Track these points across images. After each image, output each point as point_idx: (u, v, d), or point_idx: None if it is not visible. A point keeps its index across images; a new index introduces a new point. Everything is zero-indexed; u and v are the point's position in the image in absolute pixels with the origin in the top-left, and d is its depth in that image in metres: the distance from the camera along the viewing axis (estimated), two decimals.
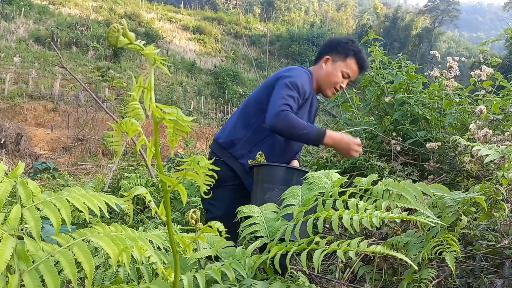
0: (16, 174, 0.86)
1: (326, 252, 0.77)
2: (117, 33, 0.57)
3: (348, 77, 2.09)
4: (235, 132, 2.01)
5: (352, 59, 2.07)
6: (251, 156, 1.96)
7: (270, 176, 1.81)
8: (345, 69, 2.06)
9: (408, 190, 0.89)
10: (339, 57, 2.08)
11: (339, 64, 2.07)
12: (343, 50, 2.07)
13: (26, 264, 0.75)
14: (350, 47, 2.08)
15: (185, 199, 0.66)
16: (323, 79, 2.09)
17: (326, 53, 2.11)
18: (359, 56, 2.08)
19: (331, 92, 2.13)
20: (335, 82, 2.08)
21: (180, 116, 0.57)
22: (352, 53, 2.07)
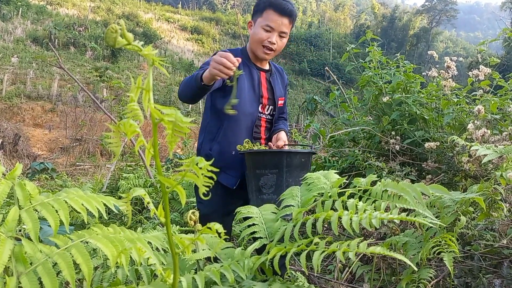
0: (14, 175, 0.85)
1: (325, 253, 0.77)
2: (115, 34, 0.57)
3: (272, 29, 2.00)
4: (198, 140, 2.13)
5: (269, 10, 2.00)
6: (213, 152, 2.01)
7: (259, 162, 1.78)
8: (264, 22, 2.00)
9: (407, 190, 0.89)
10: (257, 16, 2.05)
11: (258, 21, 2.03)
12: (258, 8, 2.06)
13: (24, 266, 0.75)
14: (261, 2, 2.05)
15: (184, 201, 0.66)
16: (252, 42, 2.07)
17: (251, 19, 2.11)
18: (274, 3, 2.00)
19: (262, 52, 2.04)
20: (260, 39, 2.02)
21: (179, 117, 0.57)
22: (266, 5, 2.01)
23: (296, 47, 37.76)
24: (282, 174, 1.75)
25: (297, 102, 25.22)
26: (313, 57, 37.58)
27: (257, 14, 2.06)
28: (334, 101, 3.87)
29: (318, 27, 47.40)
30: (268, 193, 1.77)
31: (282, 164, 1.75)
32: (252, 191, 1.85)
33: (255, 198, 1.80)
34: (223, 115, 1.95)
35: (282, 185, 1.74)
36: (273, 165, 1.75)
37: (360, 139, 3.31)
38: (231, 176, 2.02)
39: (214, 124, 2.04)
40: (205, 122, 2.10)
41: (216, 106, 2.02)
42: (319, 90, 23.85)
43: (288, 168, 1.76)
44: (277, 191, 1.75)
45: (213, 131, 2.04)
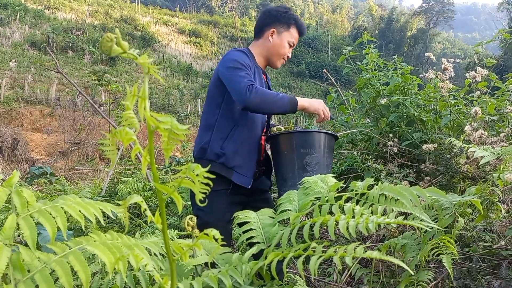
0: (11, 182, 0.85)
1: (322, 258, 0.77)
2: (110, 43, 0.57)
3: (293, 45, 2.16)
4: (201, 138, 2.02)
5: (294, 27, 2.13)
6: (226, 151, 1.95)
7: (306, 141, 1.95)
8: (290, 39, 2.12)
9: (403, 194, 0.89)
10: (283, 27, 2.11)
11: (284, 34, 2.11)
12: (285, 20, 2.11)
13: (21, 274, 0.75)
14: (290, 16, 2.12)
15: (180, 207, 0.66)
16: (272, 52, 2.12)
17: (268, 25, 2.12)
18: (299, 23, 2.14)
19: (281, 63, 2.18)
20: (284, 53, 2.14)
21: (174, 125, 0.57)
22: (293, 22, 2.12)
23: (294, 49, 37.79)
24: (323, 153, 1.97)
25: None
26: (311, 59, 37.64)
27: (281, 25, 2.10)
28: (332, 103, 3.88)
29: (316, 29, 47.48)
30: (312, 171, 1.93)
31: (324, 144, 1.98)
32: (294, 170, 1.96)
33: (299, 176, 1.90)
34: (238, 115, 1.97)
35: (323, 164, 1.96)
36: (318, 145, 1.96)
37: (358, 141, 3.32)
38: (244, 175, 1.99)
39: (225, 122, 1.99)
40: (212, 119, 2.01)
41: (233, 106, 1.99)
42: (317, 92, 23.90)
43: (327, 149, 1.99)
44: (320, 169, 1.96)
45: (225, 129, 1.99)
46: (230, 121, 1.99)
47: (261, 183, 2.18)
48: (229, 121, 1.99)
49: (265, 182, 2.23)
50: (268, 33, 2.11)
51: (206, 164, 1.93)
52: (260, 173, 2.15)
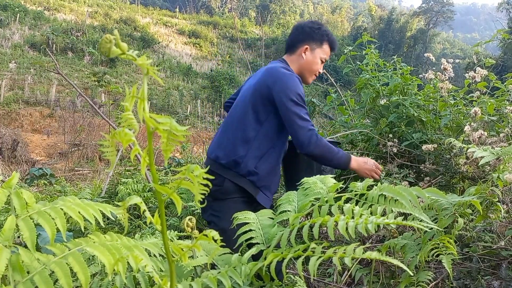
0: (10, 184, 0.85)
1: (322, 259, 0.77)
2: (109, 44, 0.57)
3: (324, 61, 2.18)
4: (235, 150, 1.93)
5: (327, 44, 2.14)
6: (259, 171, 1.93)
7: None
8: (323, 55, 2.14)
9: (403, 194, 0.89)
10: (316, 44, 2.11)
11: (317, 51, 2.12)
12: (318, 37, 2.11)
13: (21, 275, 0.75)
14: (323, 33, 2.13)
15: (179, 208, 0.66)
16: (305, 68, 2.13)
17: (302, 41, 2.12)
18: (332, 39, 2.16)
19: (312, 79, 2.19)
20: (316, 70, 2.15)
21: (173, 126, 0.57)
22: (326, 38, 2.13)
23: None
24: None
25: None
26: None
27: (314, 42, 2.11)
28: (332, 103, 3.88)
29: None
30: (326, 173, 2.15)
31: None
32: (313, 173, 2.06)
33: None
34: (277, 136, 1.97)
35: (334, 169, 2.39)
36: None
37: (358, 141, 3.32)
38: (268, 197, 2.00)
39: (264, 141, 1.95)
40: (251, 134, 1.94)
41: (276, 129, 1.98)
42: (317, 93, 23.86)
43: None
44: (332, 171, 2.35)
45: (262, 148, 1.94)
46: (269, 141, 1.96)
47: None
48: (267, 141, 1.95)
49: None
50: (302, 50, 2.11)
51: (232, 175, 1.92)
52: None
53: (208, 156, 2.04)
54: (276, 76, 1.95)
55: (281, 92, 1.89)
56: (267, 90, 1.93)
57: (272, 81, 1.93)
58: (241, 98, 2.06)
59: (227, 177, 1.92)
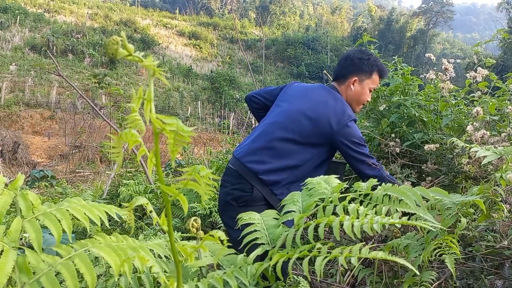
0: (16, 186, 0.86)
1: (328, 258, 0.78)
2: (116, 45, 0.57)
3: (373, 90, 2.21)
4: (281, 172, 1.95)
5: (376, 74, 2.15)
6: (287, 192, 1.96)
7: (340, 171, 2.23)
8: (372, 85, 2.15)
9: (407, 194, 0.89)
10: (365, 76, 2.12)
11: (366, 82, 2.12)
12: (368, 68, 2.12)
13: (27, 277, 0.75)
14: (373, 64, 2.13)
15: (186, 208, 0.66)
16: (354, 99, 2.14)
17: (351, 73, 2.12)
18: (381, 69, 2.17)
19: (359, 108, 2.23)
20: (365, 100, 2.17)
21: (180, 127, 0.57)
22: (376, 69, 2.13)
23: (293, 51, 37.82)
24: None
25: None
26: (311, 60, 37.66)
27: (364, 73, 2.12)
28: None
29: (315, 31, 47.54)
30: None
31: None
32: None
33: None
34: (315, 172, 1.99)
35: None
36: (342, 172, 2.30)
37: None
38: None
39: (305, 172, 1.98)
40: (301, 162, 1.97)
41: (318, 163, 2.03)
42: None
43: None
44: None
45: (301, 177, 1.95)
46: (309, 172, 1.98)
47: None
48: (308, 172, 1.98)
49: None
50: (350, 82, 2.11)
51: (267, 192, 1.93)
52: None
53: (240, 161, 1.99)
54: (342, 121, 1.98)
55: (347, 136, 1.97)
56: (328, 127, 1.96)
57: (337, 124, 1.97)
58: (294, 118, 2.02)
59: (259, 190, 1.93)
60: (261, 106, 2.30)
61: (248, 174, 1.94)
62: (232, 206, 1.93)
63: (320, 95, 2.08)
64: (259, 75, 29.46)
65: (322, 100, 2.05)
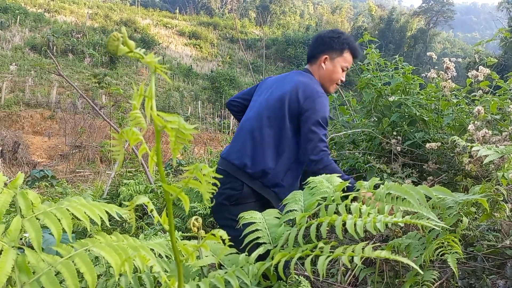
0: (15, 184, 0.85)
1: (330, 258, 0.77)
2: (117, 42, 0.57)
3: (346, 69, 2.16)
4: (265, 161, 1.93)
5: (348, 52, 2.11)
6: (284, 184, 1.94)
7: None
8: (344, 63, 2.11)
9: (410, 193, 0.88)
10: (336, 53, 2.10)
11: (337, 60, 2.10)
12: (338, 46, 2.09)
13: (27, 276, 0.75)
14: (344, 41, 2.11)
15: (187, 208, 0.65)
16: (325, 78, 2.12)
17: (322, 52, 2.11)
18: (353, 47, 2.13)
19: (333, 88, 2.18)
20: (337, 79, 2.13)
21: (182, 125, 0.57)
22: (347, 46, 2.11)
23: (294, 50, 37.76)
24: None
25: None
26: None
27: (334, 51, 2.10)
28: (333, 103, 3.87)
29: (315, 30, 47.47)
30: None
31: None
32: None
33: None
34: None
35: None
36: None
37: (360, 141, 3.31)
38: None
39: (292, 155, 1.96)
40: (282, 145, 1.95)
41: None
42: None
43: None
44: None
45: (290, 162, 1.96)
46: (296, 154, 1.96)
47: None
48: (294, 154, 1.96)
49: None
50: (321, 60, 2.11)
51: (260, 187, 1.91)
52: None
53: (227, 159, 2.00)
54: (309, 95, 1.95)
55: (311, 111, 1.91)
56: (297, 105, 1.94)
57: (304, 98, 1.94)
58: (266, 105, 2.02)
59: (249, 185, 1.91)
60: (241, 108, 2.29)
61: (236, 171, 1.94)
62: (224, 206, 1.93)
63: (291, 78, 2.10)
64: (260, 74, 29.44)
65: (292, 80, 2.07)
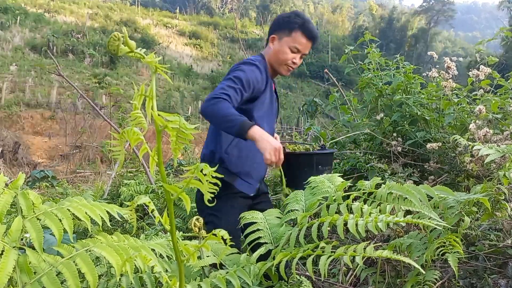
0: (16, 185, 0.85)
1: (332, 258, 0.77)
2: (117, 42, 0.56)
3: (298, 51, 2.04)
4: (209, 143, 2.00)
5: (298, 32, 2.01)
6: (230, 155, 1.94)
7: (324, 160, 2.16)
8: (292, 43, 2.02)
9: (412, 192, 0.88)
10: (284, 33, 2.03)
11: (285, 40, 2.02)
12: (287, 25, 2.03)
13: (28, 277, 0.74)
14: (293, 21, 2.03)
15: (188, 207, 0.65)
16: (273, 58, 2.07)
17: (272, 32, 2.08)
18: (305, 27, 2.02)
19: (285, 70, 2.09)
20: (285, 59, 2.04)
21: (183, 124, 0.57)
22: (296, 26, 2.01)
23: None
24: (331, 169, 2.23)
25: (297, 105, 25.24)
26: (312, 59, 37.61)
27: (283, 31, 2.04)
28: (334, 103, 3.86)
29: (316, 30, 47.41)
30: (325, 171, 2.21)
31: (331, 161, 2.32)
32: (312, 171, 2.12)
33: None
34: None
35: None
36: (330, 162, 2.26)
37: (361, 141, 3.30)
38: (249, 183, 1.96)
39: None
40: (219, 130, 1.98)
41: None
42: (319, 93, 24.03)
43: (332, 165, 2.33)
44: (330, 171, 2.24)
45: (230, 137, 1.94)
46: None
47: (263, 185, 2.18)
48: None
49: (265, 184, 2.24)
50: (270, 40, 2.08)
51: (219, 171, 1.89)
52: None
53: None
54: (240, 62, 2.03)
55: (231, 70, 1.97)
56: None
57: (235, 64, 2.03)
58: None
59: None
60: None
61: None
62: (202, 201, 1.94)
63: None
64: None
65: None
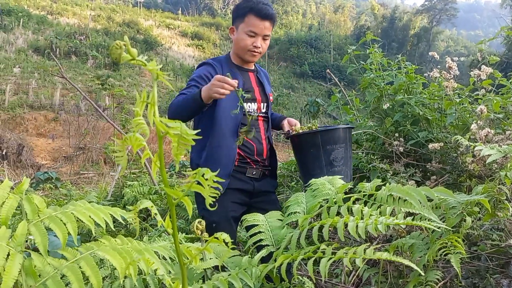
0: (21, 189, 0.86)
1: (332, 260, 0.77)
2: (119, 50, 0.57)
3: (256, 34, 2.04)
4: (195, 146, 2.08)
5: (250, 15, 2.03)
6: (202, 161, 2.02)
7: (330, 138, 2.03)
8: (247, 28, 2.04)
9: (412, 194, 0.89)
10: (239, 21, 2.07)
11: (241, 27, 2.06)
12: (240, 12, 2.07)
13: (33, 280, 0.76)
14: (243, 6, 2.06)
15: (190, 211, 0.66)
16: (236, 48, 2.12)
17: (231, 25, 2.15)
18: (255, 9, 2.02)
19: (250, 56, 2.11)
20: (245, 45, 2.06)
21: (184, 130, 0.58)
22: (247, 10, 2.03)
23: (296, 50, 37.74)
24: (347, 147, 2.06)
25: (299, 105, 25.20)
26: (314, 59, 37.56)
27: (237, 19, 2.08)
28: (336, 103, 3.87)
29: (318, 30, 47.43)
30: (339, 165, 2.03)
31: (345, 137, 2.07)
32: (322, 167, 2.04)
33: (327, 171, 1.98)
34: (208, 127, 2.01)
35: (348, 156, 2.06)
36: (342, 140, 2.05)
37: (363, 141, 3.31)
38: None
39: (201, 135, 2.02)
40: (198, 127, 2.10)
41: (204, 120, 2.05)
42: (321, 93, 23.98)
43: (348, 142, 2.09)
44: (346, 162, 2.06)
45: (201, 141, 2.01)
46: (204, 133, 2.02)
47: (265, 184, 2.17)
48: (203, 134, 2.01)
49: (270, 183, 2.21)
50: (230, 32, 2.15)
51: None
52: (264, 174, 2.16)
53: None
54: None
55: None
56: None
57: None
58: None
59: None
60: None
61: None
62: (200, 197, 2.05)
63: None
64: None
65: None
